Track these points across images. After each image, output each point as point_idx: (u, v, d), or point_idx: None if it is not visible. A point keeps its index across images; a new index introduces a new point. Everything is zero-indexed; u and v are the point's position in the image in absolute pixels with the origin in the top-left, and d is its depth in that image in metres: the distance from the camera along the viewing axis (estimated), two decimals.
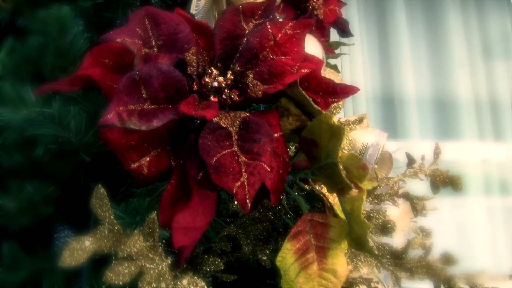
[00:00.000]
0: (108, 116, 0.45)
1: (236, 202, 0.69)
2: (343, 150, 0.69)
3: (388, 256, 0.66)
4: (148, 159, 0.49)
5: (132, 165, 0.48)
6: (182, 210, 0.46)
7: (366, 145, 0.72)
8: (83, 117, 0.57)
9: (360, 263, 0.62)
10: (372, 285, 0.69)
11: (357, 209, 0.49)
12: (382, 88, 2.29)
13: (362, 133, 0.73)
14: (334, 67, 1.05)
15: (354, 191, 0.48)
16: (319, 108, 0.49)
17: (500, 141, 2.35)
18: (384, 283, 0.71)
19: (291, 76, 0.49)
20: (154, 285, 0.35)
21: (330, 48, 1.03)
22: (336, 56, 1.09)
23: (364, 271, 0.63)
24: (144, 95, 0.47)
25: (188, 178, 0.48)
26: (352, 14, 2.25)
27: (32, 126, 0.54)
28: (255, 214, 0.61)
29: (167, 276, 0.38)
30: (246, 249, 0.67)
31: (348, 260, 0.62)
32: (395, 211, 0.72)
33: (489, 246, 2.18)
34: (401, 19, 2.35)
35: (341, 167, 0.46)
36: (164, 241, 0.48)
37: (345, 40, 1.11)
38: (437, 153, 0.66)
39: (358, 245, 0.51)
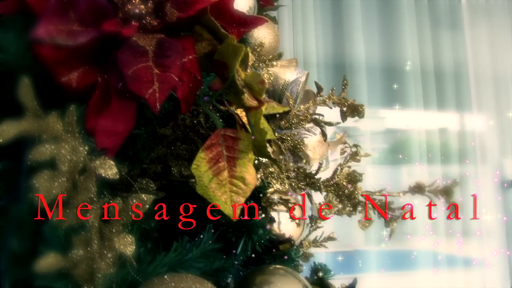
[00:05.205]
0: (39, 32, 0.52)
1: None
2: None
3: (303, 176, 0.75)
4: (76, 74, 0.56)
5: (62, 78, 0.55)
6: (104, 116, 0.54)
7: (288, 81, 0.80)
8: (22, 42, 0.64)
9: (273, 180, 0.70)
10: (290, 205, 0.79)
11: (258, 120, 0.58)
12: (333, 54, 2.37)
13: (284, 70, 0.81)
14: (273, 19, 1.12)
15: (254, 103, 0.57)
16: (226, 33, 0.57)
17: (443, 110, 2.49)
18: (300, 204, 0.80)
19: (201, 3, 0.57)
20: (68, 157, 0.43)
21: (269, 0, 1.10)
22: (275, 8, 1.16)
23: (277, 187, 0.72)
24: (72, 17, 0.54)
25: (110, 89, 0.55)
26: None
27: None
28: (178, 133, 0.69)
29: (81, 151, 0.45)
30: (175, 170, 0.75)
31: (263, 177, 0.71)
32: (312, 140, 0.81)
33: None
34: None
35: (237, 76, 0.54)
36: None
37: None
38: (344, 84, 0.74)
39: (259, 151, 0.59)
